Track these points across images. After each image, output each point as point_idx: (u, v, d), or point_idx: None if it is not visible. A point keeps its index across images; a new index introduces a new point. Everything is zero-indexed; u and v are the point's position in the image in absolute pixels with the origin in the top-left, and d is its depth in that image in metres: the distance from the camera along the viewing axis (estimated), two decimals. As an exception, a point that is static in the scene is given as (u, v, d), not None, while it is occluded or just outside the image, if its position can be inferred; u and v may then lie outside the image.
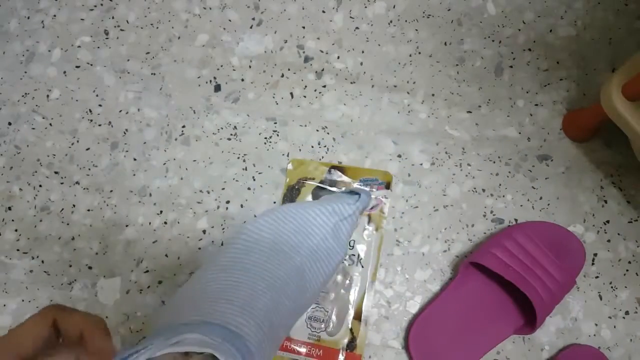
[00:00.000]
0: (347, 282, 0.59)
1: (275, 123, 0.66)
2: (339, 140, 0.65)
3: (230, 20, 0.70)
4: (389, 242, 0.61)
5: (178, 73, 0.68)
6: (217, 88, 0.68)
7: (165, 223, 0.63)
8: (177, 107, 0.67)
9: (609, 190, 0.62)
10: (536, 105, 0.65)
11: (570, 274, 0.56)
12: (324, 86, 0.67)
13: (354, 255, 0.60)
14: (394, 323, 0.59)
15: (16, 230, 0.63)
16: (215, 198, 0.63)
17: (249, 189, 0.64)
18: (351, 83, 0.67)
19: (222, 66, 0.68)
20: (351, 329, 0.58)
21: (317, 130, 0.65)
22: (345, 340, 0.58)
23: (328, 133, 0.65)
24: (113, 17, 0.71)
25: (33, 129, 0.67)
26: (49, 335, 0.30)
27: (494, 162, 0.64)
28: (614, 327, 0.58)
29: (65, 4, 0.72)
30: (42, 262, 0.62)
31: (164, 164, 0.65)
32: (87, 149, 0.66)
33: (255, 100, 0.67)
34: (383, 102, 0.66)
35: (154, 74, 0.68)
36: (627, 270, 0.60)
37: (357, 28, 0.69)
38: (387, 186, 0.62)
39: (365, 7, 0.70)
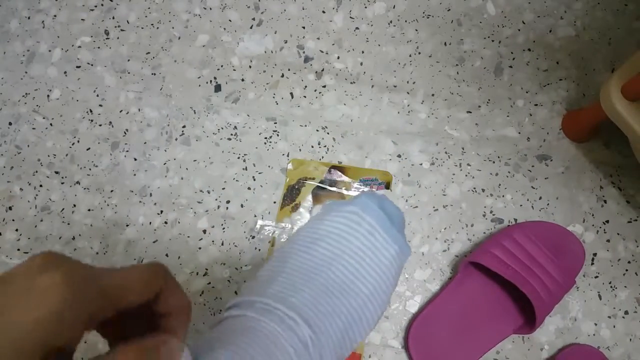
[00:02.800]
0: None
1: (275, 123, 0.66)
2: (339, 140, 0.65)
3: (230, 21, 0.70)
4: (388, 242, 0.61)
5: (178, 73, 0.68)
6: (218, 88, 0.68)
7: (166, 223, 0.63)
8: (177, 107, 0.67)
9: (609, 190, 0.62)
10: (536, 105, 0.65)
11: (569, 273, 0.56)
12: (324, 86, 0.67)
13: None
14: (393, 322, 0.59)
15: (17, 230, 0.63)
16: (216, 198, 0.63)
17: (249, 188, 0.64)
18: (351, 83, 0.67)
19: (222, 66, 0.68)
20: (351, 329, 0.58)
21: (317, 130, 0.65)
22: (345, 340, 0.58)
23: (328, 133, 0.65)
24: (113, 17, 0.71)
25: (33, 129, 0.67)
26: (148, 299, 0.25)
27: (494, 162, 0.64)
28: (614, 326, 0.58)
29: (66, 4, 0.72)
30: (43, 261, 0.62)
31: (165, 163, 0.65)
32: (88, 149, 0.66)
33: (255, 100, 0.67)
34: (383, 102, 0.66)
35: (155, 74, 0.68)
36: (626, 270, 0.60)
37: (357, 28, 0.69)
38: (387, 186, 0.63)
39: (365, 7, 0.70)
